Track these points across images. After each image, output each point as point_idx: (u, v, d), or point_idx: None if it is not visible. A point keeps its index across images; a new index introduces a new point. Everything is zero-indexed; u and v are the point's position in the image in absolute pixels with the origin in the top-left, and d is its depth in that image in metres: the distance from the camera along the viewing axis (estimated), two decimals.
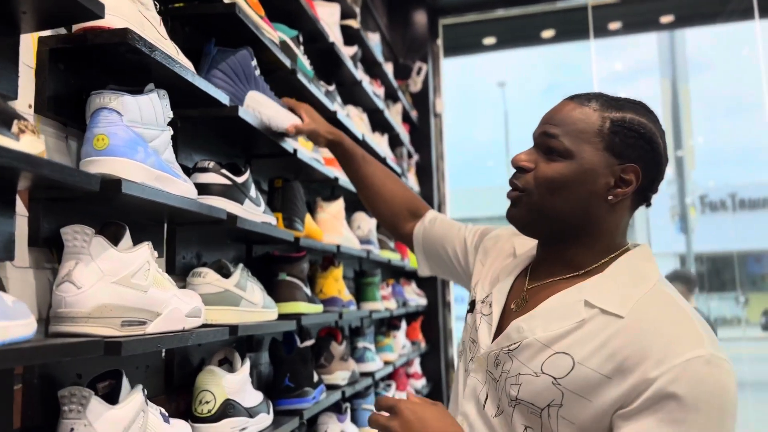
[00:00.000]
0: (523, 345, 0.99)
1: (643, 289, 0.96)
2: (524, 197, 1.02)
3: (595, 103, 1.00)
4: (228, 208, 1.33)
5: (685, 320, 0.92)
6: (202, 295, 1.30)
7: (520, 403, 0.96)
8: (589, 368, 0.91)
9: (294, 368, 1.68)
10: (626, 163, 0.98)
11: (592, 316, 0.95)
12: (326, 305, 2.03)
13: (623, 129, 0.98)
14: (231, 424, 1.33)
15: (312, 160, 1.83)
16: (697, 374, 0.86)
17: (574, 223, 1.00)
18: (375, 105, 2.69)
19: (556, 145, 0.99)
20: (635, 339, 0.90)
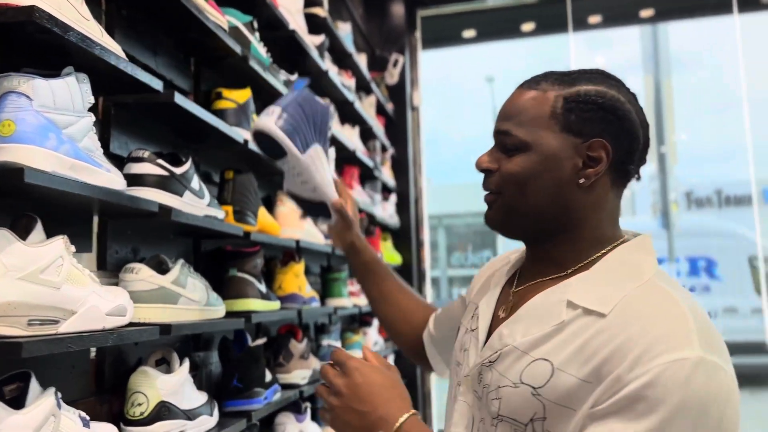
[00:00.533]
0: (503, 353, 0.90)
1: (634, 284, 0.85)
2: (498, 198, 0.95)
3: (545, 84, 0.92)
4: (162, 200, 1.26)
5: (678, 316, 0.80)
6: (135, 292, 1.24)
7: (502, 420, 0.87)
8: (568, 374, 0.81)
9: (243, 368, 1.61)
10: (590, 139, 0.89)
11: (574, 318, 0.85)
12: (285, 302, 1.97)
13: (578, 104, 0.89)
14: (165, 427, 1.26)
15: None
16: (678, 379, 0.75)
17: (551, 216, 0.92)
18: (344, 96, 2.62)
19: (511, 140, 0.92)
20: (616, 337, 0.80)
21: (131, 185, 1.24)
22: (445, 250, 13.90)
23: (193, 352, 1.64)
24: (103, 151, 1.15)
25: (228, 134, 1.53)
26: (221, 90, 1.63)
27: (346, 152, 2.67)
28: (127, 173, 1.26)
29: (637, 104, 0.94)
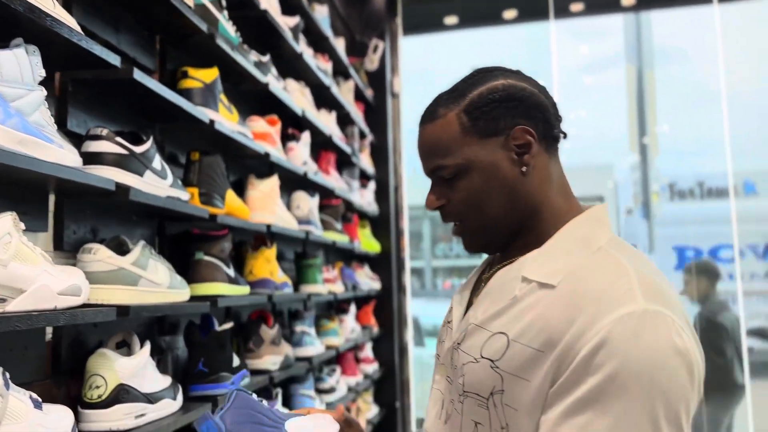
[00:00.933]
0: (467, 332, 0.92)
1: (584, 254, 0.87)
2: (464, 226, 0.97)
3: (441, 109, 0.94)
4: (120, 179, 1.23)
5: (620, 276, 0.82)
6: (92, 273, 1.21)
7: (468, 396, 0.89)
8: (522, 344, 0.83)
9: (209, 352, 1.59)
10: (509, 131, 0.91)
11: (527, 291, 0.87)
12: (255, 287, 1.94)
13: (479, 109, 0.92)
14: (124, 410, 1.24)
15: (236, 133, 1.73)
16: (623, 334, 0.76)
17: (516, 214, 0.94)
18: (320, 80, 2.59)
19: (447, 171, 0.93)
20: (565, 306, 0.82)
21: (88, 163, 1.21)
22: (430, 240, 13.92)
23: (158, 336, 1.62)
24: (57, 128, 1.12)
25: (193, 114, 1.50)
26: (187, 69, 1.60)
27: (322, 137, 2.64)
28: (85, 151, 1.23)
29: (524, 76, 0.96)
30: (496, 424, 0.85)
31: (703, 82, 7.87)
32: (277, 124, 2.12)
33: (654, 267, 0.88)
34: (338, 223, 2.80)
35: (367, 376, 3.34)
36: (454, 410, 0.92)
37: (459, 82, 0.96)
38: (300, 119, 2.38)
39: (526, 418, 0.82)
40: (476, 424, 0.87)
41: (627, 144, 6.47)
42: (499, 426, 0.85)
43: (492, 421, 0.85)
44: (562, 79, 5.96)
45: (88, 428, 1.19)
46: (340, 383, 2.80)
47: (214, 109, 1.64)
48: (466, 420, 0.89)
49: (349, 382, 3.01)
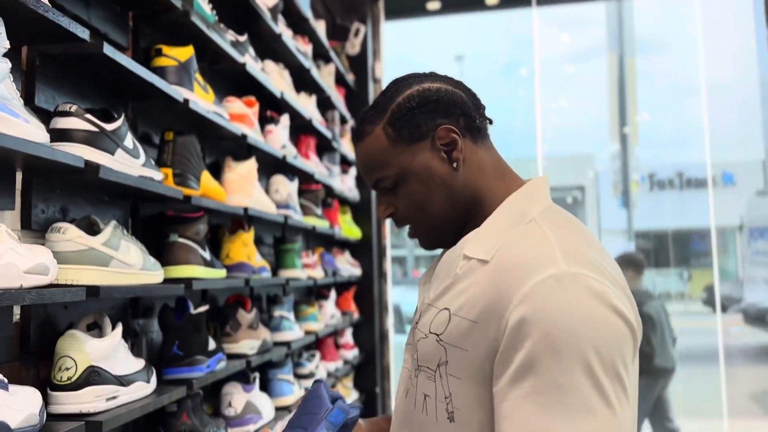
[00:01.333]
0: (422, 311, 0.99)
1: (515, 228, 0.92)
2: (415, 229, 1.03)
3: (367, 127, 1.00)
4: (90, 156, 1.20)
5: (542, 245, 0.87)
6: (62, 252, 1.18)
7: (420, 371, 0.94)
8: (460, 317, 0.89)
9: (183, 335, 1.57)
10: (433, 134, 0.97)
11: (467, 269, 0.93)
12: (233, 271, 1.92)
13: (400, 120, 0.97)
14: (95, 393, 1.22)
15: (211, 113, 1.70)
16: (545, 296, 0.80)
17: (459, 208, 0.99)
18: (299, 62, 2.55)
19: (387, 183, 1.00)
20: (493, 279, 0.87)
21: (57, 141, 1.18)
22: None
23: (132, 319, 1.59)
24: (24, 104, 1.08)
25: (167, 93, 1.47)
26: (161, 47, 1.56)
27: (302, 120, 2.62)
28: (53, 128, 1.20)
29: (438, 76, 1.02)
30: (441, 394, 0.90)
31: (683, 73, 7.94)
32: (254, 105, 2.09)
33: (587, 237, 0.92)
34: (318, 208, 2.78)
35: (347, 361, 3.33)
36: (411, 385, 0.97)
37: (378, 97, 1.02)
38: (279, 102, 2.34)
39: (468, 385, 0.87)
40: (425, 397, 0.93)
41: (608, 133, 6.51)
42: (443, 396, 0.90)
43: (437, 392, 0.90)
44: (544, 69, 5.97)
45: (57, 410, 1.17)
46: (319, 368, 2.80)
47: (188, 88, 1.61)
48: (419, 394, 0.94)
49: (329, 367, 3.00)
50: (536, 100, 5.60)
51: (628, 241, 6.05)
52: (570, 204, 12.97)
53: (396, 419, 1.01)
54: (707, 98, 5.12)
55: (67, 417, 1.16)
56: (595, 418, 0.77)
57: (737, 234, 11.00)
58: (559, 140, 10.25)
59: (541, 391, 0.78)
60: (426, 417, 0.92)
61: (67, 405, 1.18)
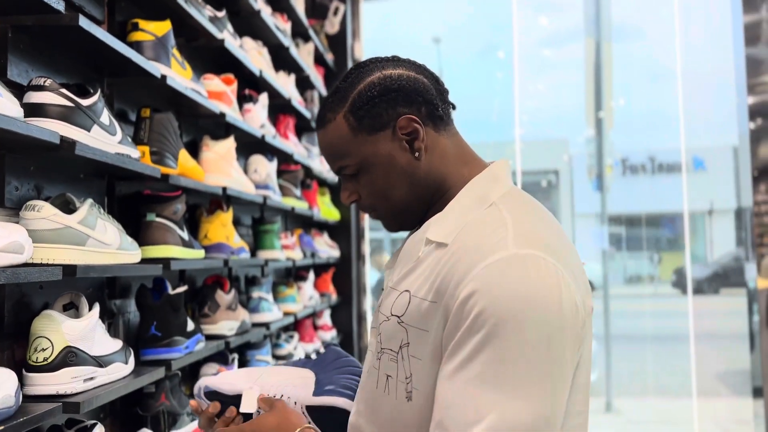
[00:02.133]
0: (383, 295, 1.00)
1: (478, 211, 0.93)
2: (378, 213, 1.03)
3: (329, 114, 0.99)
4: (65, 132, 1.16)
5: (497, 228, 0.88)
6: (36, 231, 1.15)
7: (383, 352, 0.95)
8: (419, 298, 0.91)
9: (162, 316, 1.55)
10: (394, 123, 0.96)
11: (428, 252, 0.94)
12: (211, 251, 1.90)
13: (361, 108, 0.96)
14: (72, 374, 1.20)
15: (189, 90, 1.67)
16: (491, 277, 0.82)
17: (421, 194, 0.99)
18: (278, 40, 2.51)
19: (349, 170, 0.99)
20: (450, 261, 0.88)
21: (30, 116, 1.14)
22: None
23: (109, 299, 1.57)
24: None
25: (144, 68, 1.43)
26: (138, 21, 1.52)
27: (281, 100, 2.58)
28: (27, 102, 1.16)
29: (400, 61, 1.00)
30: (402, 375, 0.91)
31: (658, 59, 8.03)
32: (233, 83, 2.05)
33: (545, 219, 0.93)
34: (297, 189, 2.76)
35: (325, 343, 3.34)
36: (372, 367, 0.98)
37: (339, 83, 1.00)
38: (257, 80, 2.31)
39: (428, 366, 0.88)
40: (387, 377, 0.94)
41: (583, 118, 6.56)
42: (404, 376, 0.91)
43: (399, 372, 0.92)
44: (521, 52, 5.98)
45: (33, 392, 1.15)
46: (297, 349, 2.79)
47: (166, 64, 1.57)
48: (381, 374, 0.95)
49: (307, 348, 3.00)
50: (515, 84, 5.61)
51: (601, 225, 6.15)
52: (544, 188, 13.08)
53: (359, 399, 1.02)
54: (682, 84, 5.18)
55: (43, 398, 1.14)
56: (525, 400, 0.79)
57: (706, 218, 11.25)
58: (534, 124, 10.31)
59: (474, 368, 0.80)
60: (387, 396, 0.93)
61: (44, 386, 1.16)
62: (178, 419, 1.61)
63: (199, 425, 1.11)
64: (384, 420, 0.93)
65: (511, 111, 5.89)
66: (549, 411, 0.80)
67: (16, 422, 1.00)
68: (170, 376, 1.61)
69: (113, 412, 1.54)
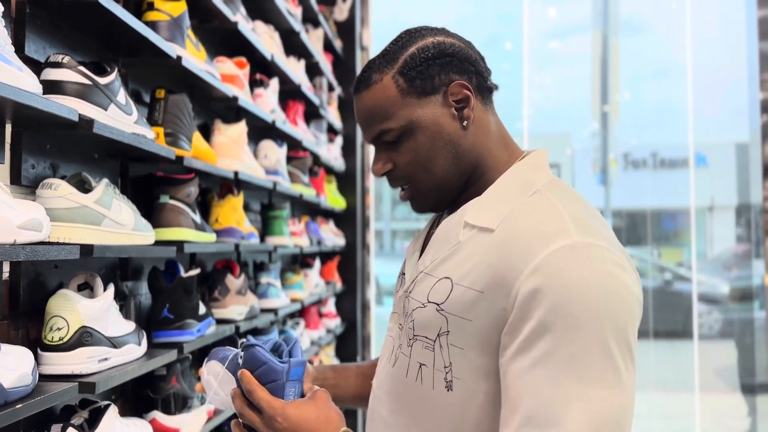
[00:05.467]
0: (417, 280, 0.97)
1: (522, 198, 0.91)
2: (412, 189, 0.98)
3: (375, 75, 0.94)
4: (83, 110, 1.15)
5: (553, 215, 0.86)
6: (54, 209, 1.14)
7: (417, 340, 0.92)
8: (464, 287, 0.87)
9: (174, 299, 1.54)
10: (446, 87, 0.93)
11: (470, 237, 0.91)
12: (222, 236, 1.89)
13: (413, 69, 0.93)
14: (88, 354, 1.19)
15: (204, 72, 1.65)
16: (558, 267, 0.79)
17: (462, 169, 0.96)
18: (290, 25, 2.49)
19: (390, 135, 0.94)
20: (501, 248, 0.85)
21: (48, 93, 1.13)
22: (390, 202, 13.94)
23: (121, 281, 1.56)
24: (14, 50, 1.03)
25: (161, 47, 1.42)
26: (153, 0, 1.50)
27: (291, 86, 2.56)
28: (45, 79, 1.14)
29: (450, 33, 0.99)
30: (440, 363, 0.88)
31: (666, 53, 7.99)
32: (245, 67, 2.04)
33: (592, 209, 0.92)
34: (305, 176, 2.75)
35: (330, 330, 3.34)
36: (401, 354, 0.95)
37: (388, 46, 0.97)
38: (268, 64, 2.29)
39: (471, 355, 0.86)
40: (420, 366, 0.91)
41: (589, 111, 6.54)
42: (442, 365, 0.88)
43: (436, 361, 0.89)
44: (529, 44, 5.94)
45: (49, 371, 1.14)
46: (303, 336, 2.79)
47: (181, 45, 1.55)
48: (413, 363, 0.92)
49: (312, 335, 3.00)
50: (524, 77, 5.58)
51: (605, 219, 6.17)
52: None
53: (380, 388, 0.99)
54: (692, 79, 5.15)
55: (59, 378, 1.13)
56: (607, 389, 0.78)
57: (707, 214, 11.25)
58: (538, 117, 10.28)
59: (554, 360, 0.78)
60: (421, 385, 0.90)
61: (59, 365, 1.15)
62: (189, 402, 1.60)
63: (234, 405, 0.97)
64: (417, 410, 0.91)
65: (517, 104, 5.86)
66: (627, 398, 0.79)
67: (33, 401, 0.99)
68: (181, 359, 1.61)
69: (124, 393, 1.54)
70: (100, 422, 1.20)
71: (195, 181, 1.64)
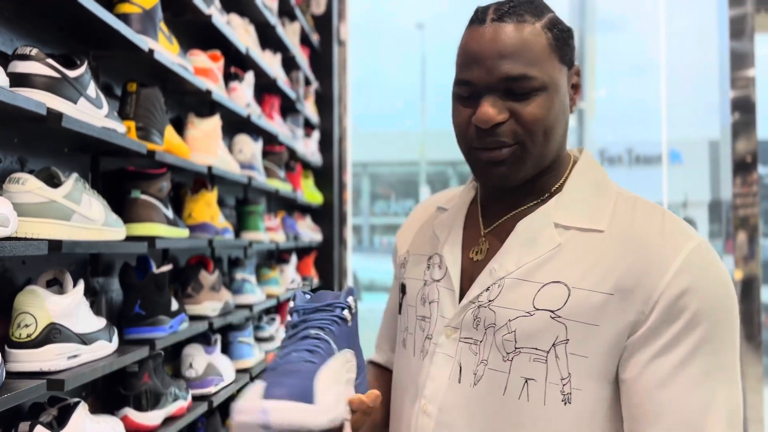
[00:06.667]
0: (504, 287, 0.87)
1: (609, 198, 0.90)
2: (518, 151, 0.86)
3: (528, 16, 0.86)
4: (52, 104, 1.13)
5: (664, 216, 0.87)
6: (22, 204, 1.12)
7: (519, 353, 0.84)
8: (587, 290, 0.83)
9: (146, 295, 1.53)
10: (572, 66, 0.90)
11: (569, 239, 0.87)
12: (195, 231, 1.88)
13: (560, 32, 0.87)
14: (56, 350, 1.18)
15: (176, 65, 1.63)
16: (700, 268, 0.82)
17: (558, 149, 0.90)
18: (265, 18, 2.47)
19: (529, 84, 0.83)
20: (626, 251, 0.84)
21: (16, 86, 1.11)
22: (369, 197, 13.94)
23: (92, 277, 1.54)
24: None
25: (132, 41, 1.40)
26: None
27: (267, 80, 2.55)
28: (12, 72, 1.12)
29: None
30: (555, 376, 0.82)
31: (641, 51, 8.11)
32: (219, 60, 2.02)
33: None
34: (281, 171, 2.73)
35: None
36: (490, 371, 0.86)
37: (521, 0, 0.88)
38: (244, 58, 2.27)
39: (597, 362, 0.82)
40: (526, 381, 0.83)
41: None
42: (558, 378, 0.82)
43: (549, 374, 0.82)
44: None
45: (16, 368, 1.13)
46: (279, 332, 2.78)
47: (153, 38, 1.53)
48: (514, 378, 0.84)
49: None
50: None
51: None
52: None
53: (448, 413, 0.88)
54: (666, 77, 5.23)
55: (27, 375, 1.12)
56: (736, 384, 0.82)
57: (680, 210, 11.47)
58: None
59: (697, 360, 0.80)
60: (527, 402, 0.83)
61: (27, 363, 1.14)
62: (161, 399, 1.59)
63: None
64: (518, 430, 0.83)
65: None
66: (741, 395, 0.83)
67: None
68: (154, 355, 1.59)
69: (95, 390, 1.53)
70: (69, 420, 1.19)
71: (167, 176, 1.62)
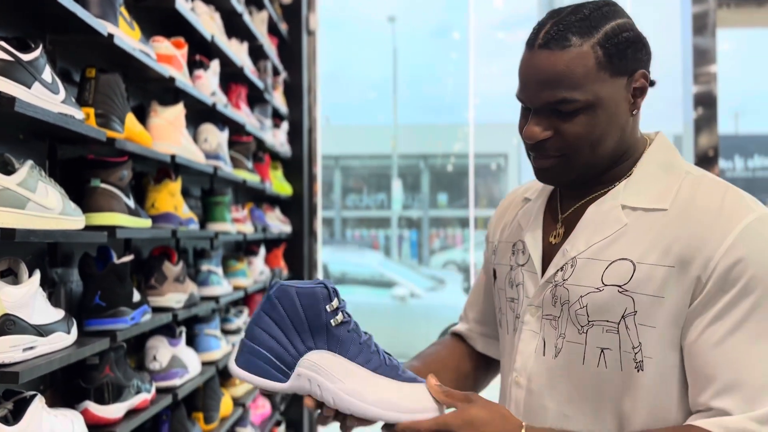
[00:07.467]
0: (576, 267, 0.96)
1: (677, 178, 0.95)
2: (564, 161, 0.95)
3: (574, 38, 0.90)
4: (4, 88, 1.09)
5: (727, 191, 0.91)
6: None
7: (593, 326, 0.93)
8: (650, 264, 0.90)
9: (106, 286, 1.50)
10: (633, 73, 0.94)
11: (635, 219, 0.94)
12: (158, 221, 1.84)
13: (614, 46, 0.91)
14: (10, 342, 1.14)
15: (137, 51, 1.59)
16: (756, 239, 0.86)
17: (615, 154, 0.98)
18: (231, 6, 2.43)
19: (572, 106, 0.91)
20: (686, 226, 0.89)
21: None
22: (341, 191, 13.88)
23: (50, 267, 1.50)
24: None
25: (90, 24, 1.36)
26: None
27: (233, 68, 2.51)
28: None
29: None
30: (627, 345, 0.90)
31: None
32: (183, 47, 1.98)
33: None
34: (249, 161, 2.70)
35: None
36: (567, 343, 0.95)
37: (587, 11, 0.92)
38: (209, 46, 2.23)
39: (664, 332, 0.89)
40: (602, 351, 0.92)
41: None
42: (630, 346, 0.90)
43: (622, 343, 0.90)
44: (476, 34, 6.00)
45: None
46: (246, 324, 2.76)
47: (113, 22, 1.49)
48: (591, 349, 0.93)
49: None
50: (470, 66, 5.63)
51: None
52: (494, 170, 13.28)
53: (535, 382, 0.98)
54: None
55: None
56: None
57: None
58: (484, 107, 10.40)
59: (751, 324, 0.85)
60: (605, 370, 0.92)
61: None
62: (123, 392, 1.56)
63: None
64: (604, 396, 0.92)
65: (464, 93, 5.93)
66: None
67: None
68: (115, 347, 1.56)
69: (54, 383, 1.49)
70: (25, 413, 1.16)
71: (128, 164, 1.59)
